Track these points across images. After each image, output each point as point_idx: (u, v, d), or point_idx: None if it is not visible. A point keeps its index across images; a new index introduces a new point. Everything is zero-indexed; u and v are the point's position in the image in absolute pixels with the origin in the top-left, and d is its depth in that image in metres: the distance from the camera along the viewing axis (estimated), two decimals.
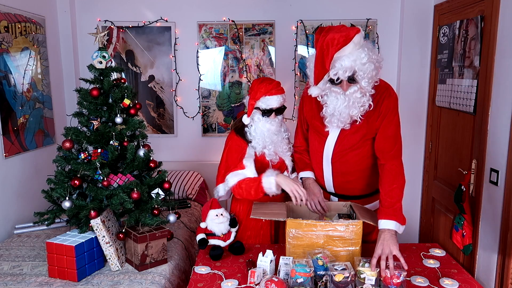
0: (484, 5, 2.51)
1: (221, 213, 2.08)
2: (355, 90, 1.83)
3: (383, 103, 1.92)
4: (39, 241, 2.54)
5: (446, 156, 3.05)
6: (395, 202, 1.88)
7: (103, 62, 2.32)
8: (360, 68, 1.78)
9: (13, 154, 2.87)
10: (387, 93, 1.95)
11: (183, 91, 3.79)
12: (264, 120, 2.15)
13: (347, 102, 1.85)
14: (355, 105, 1.86)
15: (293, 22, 3.65)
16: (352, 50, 1.76)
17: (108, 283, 2.01)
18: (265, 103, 2.13)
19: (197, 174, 3.68)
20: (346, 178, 2.11)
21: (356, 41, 1.76)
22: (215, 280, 1.82)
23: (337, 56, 1.77)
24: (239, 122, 2.26)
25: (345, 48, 1.75)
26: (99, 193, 2.19)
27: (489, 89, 2.42)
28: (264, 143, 2.16)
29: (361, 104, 1.86)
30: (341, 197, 2.18)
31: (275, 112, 2.15)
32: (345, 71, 1.77)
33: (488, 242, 2.44)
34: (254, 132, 2.17)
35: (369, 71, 1.79)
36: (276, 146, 2.18)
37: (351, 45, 1.75)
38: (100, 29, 3.68)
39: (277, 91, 2.14)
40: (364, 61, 1.77)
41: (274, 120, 2.16)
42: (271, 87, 2.13)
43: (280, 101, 2.15)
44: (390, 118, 1.93)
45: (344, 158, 2.04)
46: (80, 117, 2.33)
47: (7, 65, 2.84)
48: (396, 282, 1.66)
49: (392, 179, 1.91)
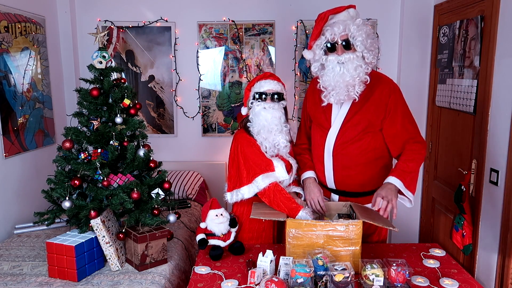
0: (484, 5, 2.51)
1: (221, 213, 2.08)
2: (350, 58, 1.94)
3: (390, 98, 2.02)
4: (39, 241, 2.54)
5: (446, 156, 3.05)
6: (409, 171, 1.99)
7: (103, 62, 2.32)
8: (353, 31, 1.93)
9: (13, 154, 2.87)
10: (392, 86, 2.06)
11: (183, 91, 3.79)
12: (260, 106, 2.13)
13: (343, 70, 1.94)
14: (350, 72, 1.94)
15: (293, 22, 3.66)
16: (346, 17, 1.98)
17: (108, 283, 2.01)
18: (259, 87, 2.16)
19: (197, 174, 3.68)
20: (346, 171, 2.12)
21: (351, 13, 1.99)
22: (215, 280, 1.82)
23: (332, 22, 1.98)
24: (245, 119, 2.25)
25: (339, 15, 1.99)
26: (99, 193, 2.19)
27: (489, 89, 2.42)
28: (263, 133, 2.12)
29: (356, 74, 1.94)
30: (342, 194, 2.19)
31: (271, 98, 2.14)
32: (338, 28, 1.93)
33: (488, 242, 2.44)
34: (254, 124, 2.15)
35: (363, 37, 1.93)
36: (275, 138, 2.13)
37: (344, 13, 1.99)
38: (100, 29, 3.68)
39: (272, 78, 2.18)
40: (357, 27, 1.93)
41: (269, 105, 2.12)
42: (265, 74, 2.21)
43: (274, 85, 2.15)
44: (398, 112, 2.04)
45: (345, 151, 2.07)
46: (80, 117, 2.33)
47: (7, 65, 2.84)
48: (402, 279, 1.67)
49: (409, 155, 2.02)
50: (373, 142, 2.07)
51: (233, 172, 2.19)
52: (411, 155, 2.02)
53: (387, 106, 2.03)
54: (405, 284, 1.69)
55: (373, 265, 1.72)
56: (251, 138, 2.17)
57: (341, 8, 2.01)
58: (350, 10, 2.01)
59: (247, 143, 2.15)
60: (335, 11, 2.00)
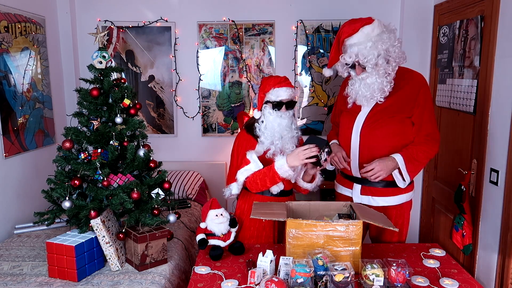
0: (484, 5, 2.51)
1: (221, 213, 2.08)
2: (366, 75, 2.08)
3: (420, 91, 2.14)
4: (39, 241, 2.54)
5: (446, 156, 3.05)
6: (416, 159, 2.11)
7: (103, 62, 2.32)
8: (363, 54, 2.04)
9: (13, 154, 2.87)
10: (423, 81, 2.18)
11: (183, 91, 3.79)
12: (275, 114, 2.17)
13: (362, 86, 2.11)
14: (367, 88, 2.10)
15: (293, 22, 3.66)
16: (360, 39, 2.05)
17: (108, 283, 2.01)
18: (275, 94, 2.16)
19: (197, 174, 3.68)
20: (372, 152, 2.16)
21: (366, 32, 2.05)
22: (215, 280, 1.82)
23: (348, 43, 2.09)
24: (251, 120, 2.30)
25: (353, 38, 2.07)
26: (99, 193, 2.19)
27: (489, 89, 2.42)
28: (272, 138, 2.16)
29: (375, 88, 2.08)
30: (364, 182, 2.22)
31: (286, 106, 2.17)
32: (350, 56, 2.07)
33: (488, 242, 2.44)
34: (265, 128, 2.18)
35: (371, 57, 2.03)
36: (284, 143, 2.18)
37: (359, 34, 2.05)
38: (100, 29, 3.68)
39: (286, 84, 2.18)
40: (368, 50, 2.03)
41: (285, 114, 2.17)
42: (279, 79, 2.19)
43: (290, 93, 2.17)
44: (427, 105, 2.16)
45: (373, 132, 2.16)
46: (80, 117, 2.33)
47: (7, 65, 2.84)
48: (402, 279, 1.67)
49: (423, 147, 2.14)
50: (401, 127, 2.15)
51: (229, 170, 2.30)
52: (424, 147, 2.14)
53: (417, 96, 2.14)
54: (405, 284, 1.69)
55: (373, 265, 1.72)
56: (251, 139, 2.22)
57: (356, 27, 2.05)
58: (365, 28, 2.04)
59: (245, 144, 2.23)
60: (349, 34, 2.07)
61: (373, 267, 1.70)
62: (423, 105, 2.14)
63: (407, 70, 2.22)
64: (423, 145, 2.14)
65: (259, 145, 2.20)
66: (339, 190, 2.39)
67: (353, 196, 2.27)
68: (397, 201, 2.22)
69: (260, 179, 2.11)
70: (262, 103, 2.22)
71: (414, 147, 2.14)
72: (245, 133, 2.27)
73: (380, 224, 1.85)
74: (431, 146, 2.16)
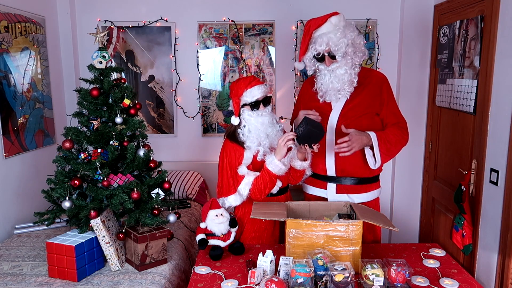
0: (484, 5, 2.51)
1: (221, 213, 2.08)
2: (337, 66, 2.13)
3: (382, 87, 2.24)
4: (39, 241, 2.54)
5: (446, 156, 3.05)
6: (388, 141, 2.15)
7: (103, 62, 2.32)
8: (334, 42, 2.09)
9: (13, 154, 2.87)
10: (383, 76, 2.28)
11: (183, 91, 3.79)
12: (255, 115, 2.13)
13: (332, 78, 2.15)
14: (339, 78, 2.14)
15: (293, 22, 3.66)
16: (328, 29, 2.11)
17: (108, 283, 2.01)
18: (250, 95, 2.13)
19: (197, 174, 3.68)
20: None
21: (334, 22, 2.11)
22: (215, 280, 1.82)
23: (316, 35, 2.13)
24: (230, 127, 2.24)
25: (322, 28, 2.12)
26: (99, 193, 2.19)
27: (489, 89, 2.42)
28: (258, 139, 2.13)
29: (345, 78, 2.13)
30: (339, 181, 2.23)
31: (263, 103, 2.15)
32: (320, 45, 2.10)
33: (488, 242, 2.44)
34: (248, 131, 2.14)
35: (342, 45, 2.08)
36: (271, 140, 2.16)
37: (327, 24, 2.11)
38: (100, 29, 3.68)
39: (257, 82, 2.16)
40: (338, 37, 2.08)
41: (265, 111, 2.15)
42: (249, 80, 2.16)
43: (263, 90, 2.15)
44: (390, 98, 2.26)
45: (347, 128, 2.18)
46: (80, 117, 2.33)
47: (7, 65, 2.84)
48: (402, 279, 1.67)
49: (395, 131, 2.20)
50: (372, 123, 2.22)
51: (219, 181, 2.22)
52: (395, 130, 2.21)
53: (381, 92, 2.23)
54: (405, 284, 1.69)
55: (373, 265, 1.72)
56: (238, 148, 2.16)
57: (323, 19, 2.12)
58: (332, 19, 2.11)
59: (233, 155, 2.16)
60: (318, 24, 2.13)
61: (373, 267, 1.70)
62: (387, 100, 2.24)
63: (368, 69, 2.33)
64: (395, 128, 2.21)
65: (246, 151, 2.15)
66: (310, 192, 2.38)
67: (328, 195, 2.27)
68: (370, 197, 2.28)
69: (261, 185, 2.10)
70: (239, 108, 2.17)
71: (387, 129, 2.21)
72: (229, 142, 2.19)
73: (380, 224, 1.85)
74: (401, 133, 2.22)
